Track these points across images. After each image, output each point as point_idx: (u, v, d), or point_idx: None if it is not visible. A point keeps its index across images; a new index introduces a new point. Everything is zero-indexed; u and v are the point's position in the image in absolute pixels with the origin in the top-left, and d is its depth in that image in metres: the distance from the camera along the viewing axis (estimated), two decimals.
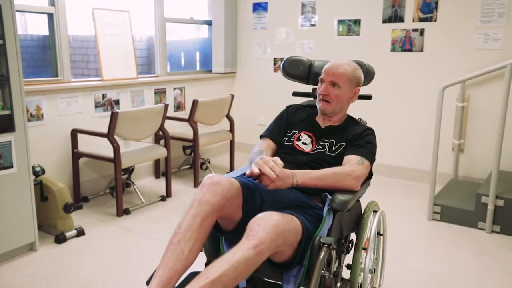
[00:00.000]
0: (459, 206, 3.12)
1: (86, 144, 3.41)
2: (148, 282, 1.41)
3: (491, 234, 2.97)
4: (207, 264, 1.69)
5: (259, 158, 1.52)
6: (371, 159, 1.76)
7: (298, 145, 1.85)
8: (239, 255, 1.28)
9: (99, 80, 3.62)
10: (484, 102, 3.70)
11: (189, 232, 1.38)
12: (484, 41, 3.63)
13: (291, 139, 1.88)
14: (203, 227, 1.40)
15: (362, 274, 1.80)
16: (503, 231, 2.94)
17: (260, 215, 1.39)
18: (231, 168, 4.34)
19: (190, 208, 1.43)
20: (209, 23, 4.86)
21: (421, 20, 3.88)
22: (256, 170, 1.48)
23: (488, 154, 3.65)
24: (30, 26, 3.48)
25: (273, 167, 1.49)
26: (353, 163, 1.70)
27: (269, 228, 1.32)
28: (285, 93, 3.22)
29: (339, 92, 1.82)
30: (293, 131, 1.91)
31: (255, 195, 1.59)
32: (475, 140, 3.79)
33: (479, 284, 2.35)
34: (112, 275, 2.39)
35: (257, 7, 4.77)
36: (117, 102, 3.74)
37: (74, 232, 2.84)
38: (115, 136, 3.11)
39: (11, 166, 2.45)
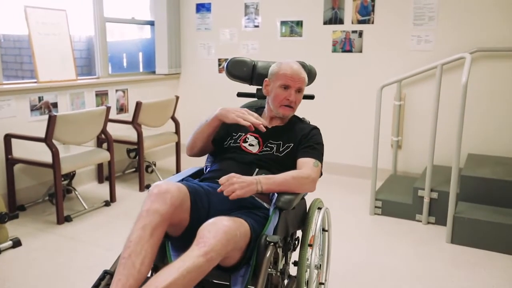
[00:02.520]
0: (398, 200, 3.28)
1: (22, 149, 3.23)
2: None
3: (427, 225, 3.14)
4: (153, 268, 1.65)
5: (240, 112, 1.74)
6: (322, 160, 1.82)
7: (245, 147, 1.86)
8: (189, 263, 1.26)
9: (35, 82, 3.44)
10: (419, 101, 3.91)
11: (139, 245, 1.33)
12: (417, 42, 3.84)
13: (238, 141, 1.89)
14: (153, 238, 1.36)
15: (308, 270, 1.84)
16: (437, 221, 3.12)
17: (210, 221, 1.38)
18: (178, 170, 4.28)
19: (139, 219, 1.39)
20: (151, 23, 4.77)
21: (360, 22, 4.04)
22: (248, 123, 1.68)
23: (423, 149, 3.86)
24: None
25: (258, 118, 1.72)
26: (309, 166, 1.74)
27: (220, 235, 1.32)
28: (230, 94, 3.22)
29: (300, 96, 1.89)
30: (239, 133, 1.91)
31: (203, 199, 1.58)
32: (411, 137, 4.00)
33: (418, 273, 2.48)
34: (53, 286, 2.28)
35: (200, 7, 4.74)
36: (55, 105, 3.57)
37: (9, 243, 2.68)
38: (53, 141, 2.97)
39: None
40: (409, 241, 2.90)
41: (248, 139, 1.88)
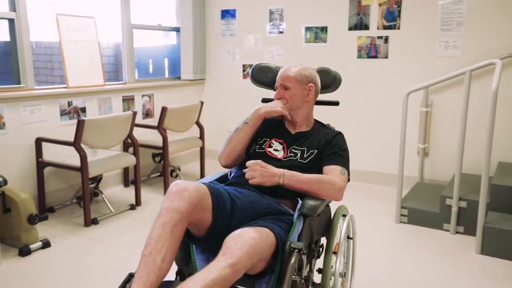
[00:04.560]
0: (425, 208, 3.21)
1: (51, 153, 3.32)
2: None
3: (455, 235, 3.06)
4: (178, 272, 1.67)
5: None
6: (348, 168, 1.82)
7: (270, 151, 1.87)
8: (215, 274, 1.26)
9: (65, 88, 3.53)
10: (447, 107, 3.84)
11: (160, 242, 1.36)
12: (444, 48, 3.77)
13: (263, 146, 1.89)
14: (173, 236, 1.39)
15: (332, 278, 1.82)
16: (466, 231, 3.04)
17: (236, 232, 1.38)
18: (202, 175, 4.31)
19: (159, 217, 1.41)
20: (177, 29, 4.84)
21: (385, 28, 3.99)
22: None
23: (451, 157, 3.78)
24: None
25: (284, 108, 1.88)
26: (336, 174, 1.75)
27: (246, 247, 1.32)
28: (254, 100, 3.23)
29: (291, 92, 1.90)
30: (264, 138, 1.92)
31: (226, 202, 1.59)
32: (438, 144, 3.92)
33: (445, 284, 2.42)
34: (80, 287, 2.33)
35: (225, 14, 4.79)
36: (83, 109, 3.66)
37: (39, 244, 2.75)
38: (82, 145, 3.04)
39: None
40: (436, 250, 2.83)
41: (273, 144, 1.89)
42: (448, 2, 3.69)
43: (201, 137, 4.24)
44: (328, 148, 1.84)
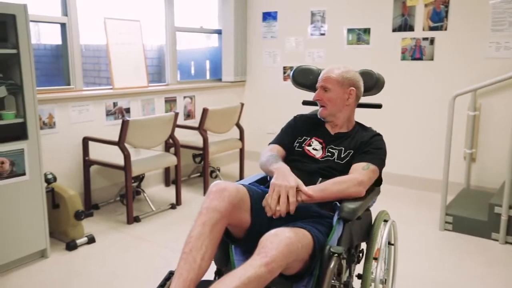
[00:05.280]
0: (472, 216, 3.08)
1: (97, 152, 3.44)
2: None
3: (505, 245, 2.92)
4: (216, 272, 1.69)
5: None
6: (379, 164, 1.75)
7: (309, 150, 1.86)
8: (250, 272, 1.27)
9: (110, 89, 3.66)
10: (496, 111, 3.67)
11: (200, 240, 1.38)
12: (495, 49, 3.61)
13: (302, 145, 1.89)
14: (213, 235, 1.40)
15: (373, 284, 1.78)
16: None
17: (272, 231, 1.38)
18: (241, 177, 4.34)
19: (199, 216, 1.44)
20: (219, 32, 4.90)
21: (431, 28, 3.87)
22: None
23: (500, 163, 3.61)
24: (43, 35, 3.54)
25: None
26: (358, 170, 1.71)
27: (281, 247, 1.32)
28: (294, 102, 3.22)
29: (331, 95, 1.85)
30: (304, 137, 1.92)
31: None
32: (487, 149, 3.75)
33: None
34: (122, 283, 2.39)
35: (266, 16, 4.80)
36: (127, 110, 3.77)
37: (84, 239, 2.86)
38: (125, 144, 3.13)
39: (24, 174, 2.48)
40: (484, 260, 2.71)
41: (312, 143, 1.88)
42: (500, 1, 3.53)
43: (241, 138, 4.27)
44: (362, 148, 1.80)
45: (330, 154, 1.82)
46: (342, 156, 1.81)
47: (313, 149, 1.86)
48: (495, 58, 3.62)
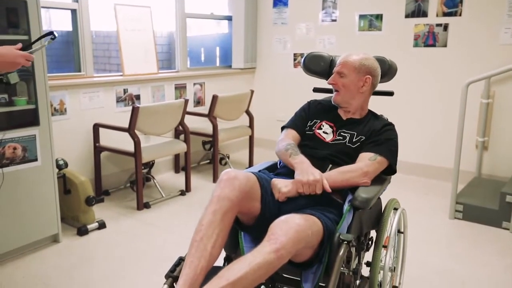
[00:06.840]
0: (483, 204, 3.06)
1: (107, 138, 3.46)
2: (167, 276, 1.43)
3: None
4: (226, 258, 1.70)
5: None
6: (388, 155, 1.74)
7: (319, 133, 1.85)
8: (260, 259, 1.27)
9: (121, 75, 3.66)
10: (510, 99, 3.61)
11: (210, 228, 1.39)
12: (511, 36, 3.53)
13: (312, 128, 1.89)
14: (224, 223, 1.41)
15: (382, 272, 1.78)
16: None
17: (282, 218, 1.39)
18: (250, 164, 4.34)
19: (210, 204, 1.44)
20: (229, 18, 4.87)
21: (445, 14, 3.80)
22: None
23: None
24: (54, 22, 3.54)
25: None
26: (364, 160, 1.70)
27: (291, 233, 1.32)
28: (305, 89, 3.19)
29: (346, 80, 1.83)
30: (315, 120, 1.92)
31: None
32: (500, 138, 3.70)
33: (502, 286, 2.30)
34: (132, 268, 2.42)
35: (277, 2, 4.75)
36: (138, 97, 3.78)
37: (95, 224, 2.89)
38: (136, 131, 3.14)
39: (36, 159, 2.50)
40: (494, 250, 2.69)
41: (323, 126, 1.87)
42: None
43: (251, 125, 4.26)
44: (372, 136, 1.79)
45: (341, 138, 1.82)
46: (354, 140, 1.80)
47: (323, 132, 1.85)
48: (511, 45, 3.55)
